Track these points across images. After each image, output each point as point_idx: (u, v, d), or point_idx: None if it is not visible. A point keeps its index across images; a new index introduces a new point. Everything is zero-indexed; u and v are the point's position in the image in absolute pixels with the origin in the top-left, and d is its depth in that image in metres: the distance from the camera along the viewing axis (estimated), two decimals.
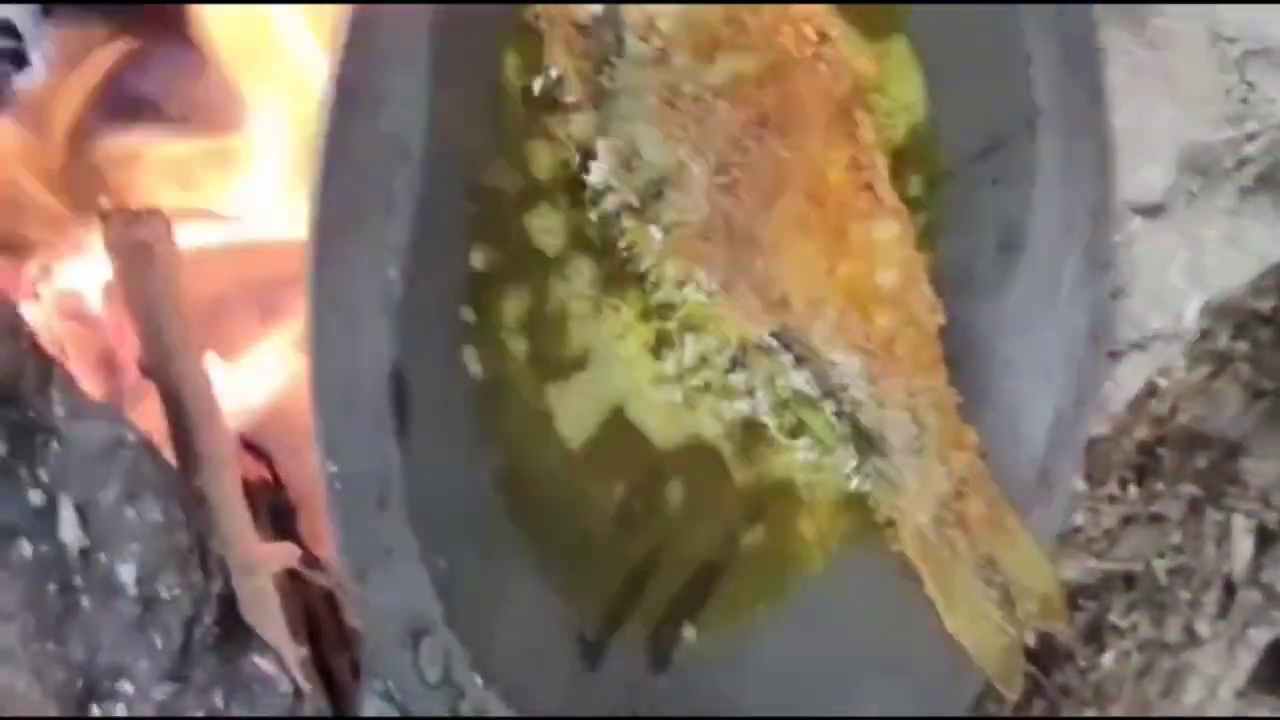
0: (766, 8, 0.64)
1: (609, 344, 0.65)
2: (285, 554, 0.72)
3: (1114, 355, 0.78)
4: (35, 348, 0.57)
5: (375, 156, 0.56)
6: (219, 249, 0.76)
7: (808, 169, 0.65)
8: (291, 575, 0.72)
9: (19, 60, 0.79)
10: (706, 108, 0.62)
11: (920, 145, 0.73)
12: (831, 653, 0.71)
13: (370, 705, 0.58)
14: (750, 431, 0.68)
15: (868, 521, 0.70)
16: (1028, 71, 0.75)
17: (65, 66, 0.77)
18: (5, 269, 0.73)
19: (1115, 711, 0.90)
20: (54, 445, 0.55)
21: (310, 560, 0.73)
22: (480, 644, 0.61)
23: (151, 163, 0.77)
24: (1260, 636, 0.91)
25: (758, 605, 0.70)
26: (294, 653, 0.62)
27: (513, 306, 0.62)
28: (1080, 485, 0.89)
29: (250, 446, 0.77)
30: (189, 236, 0.71)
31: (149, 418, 0.66)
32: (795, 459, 0.69)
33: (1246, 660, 0.91)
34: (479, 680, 0.60)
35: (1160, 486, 0.91)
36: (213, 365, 0.71)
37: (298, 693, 0.58)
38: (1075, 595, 0.89)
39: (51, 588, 0.54)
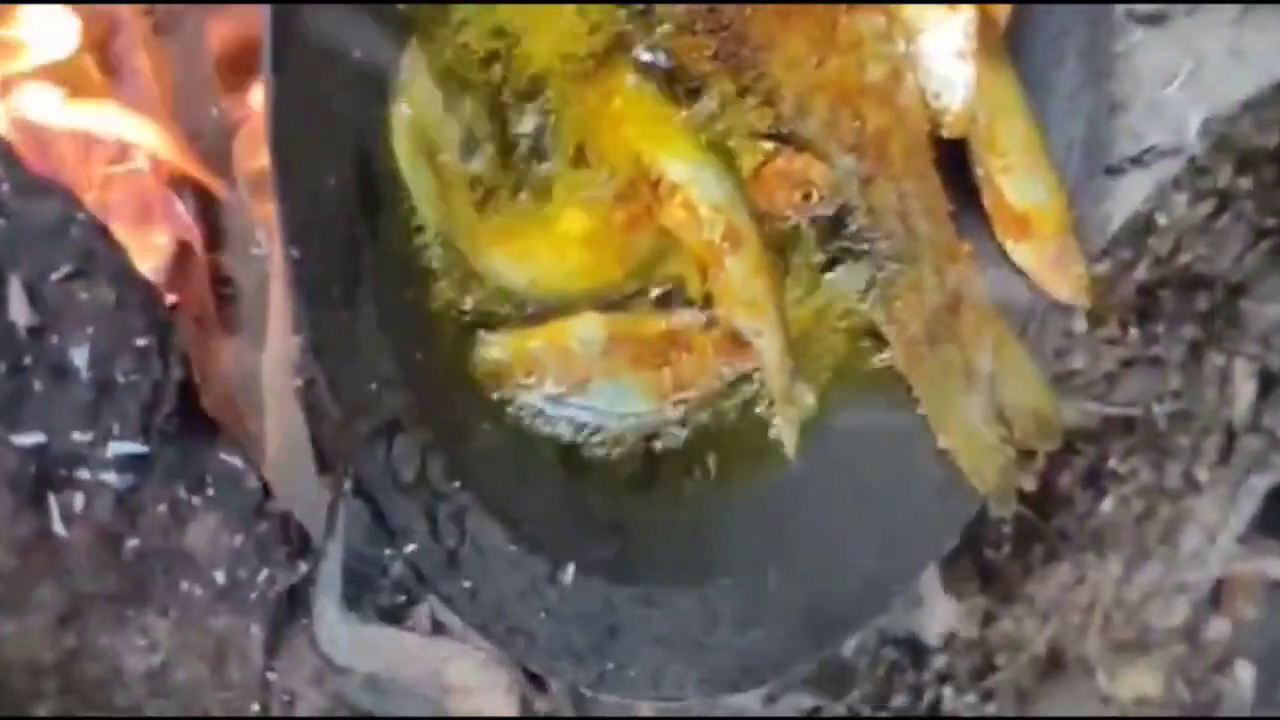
0: None
1: None
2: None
3: (1112, 171, 0.76)
4: None
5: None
6: None
7: None
8: None
9: None
10: None
11: None
12: (826, 474, 0.69)
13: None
14: None
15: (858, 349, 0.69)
16: None
17: None
18: None
19: (1113, 557, 0.89)
20: (1, 222, 0.53)
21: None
22: (458, 444, 0.58)
23: None
24: (1261, 482, 0.90)
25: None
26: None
27: None
28: (1079, 326, 0.88)
29: None
30: None
31: None
32: None
33: (1247, 506, 0.90)
34: (456, 484, 0.58)
35: (1160, 329, 0.89)
36: None
37: (265, 490, 0.56)
38: (1074, 440, 0.88)
39: (1, 368, 0.52)
